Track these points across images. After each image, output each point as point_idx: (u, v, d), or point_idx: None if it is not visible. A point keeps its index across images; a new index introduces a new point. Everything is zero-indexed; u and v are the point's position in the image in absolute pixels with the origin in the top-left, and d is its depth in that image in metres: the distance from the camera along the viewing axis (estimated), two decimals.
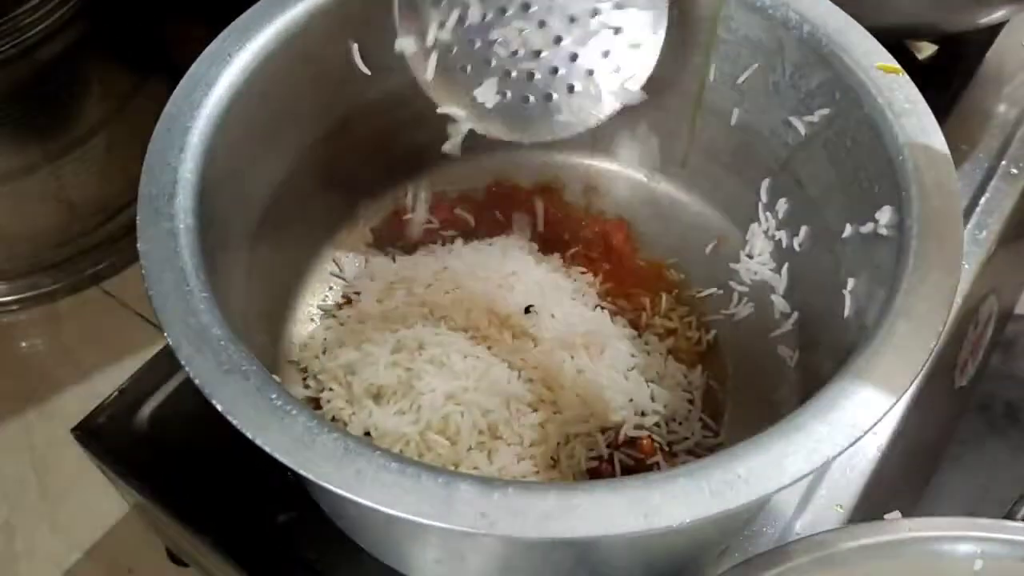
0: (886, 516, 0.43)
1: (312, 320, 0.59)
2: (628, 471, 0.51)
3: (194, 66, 0.47)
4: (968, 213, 0.68)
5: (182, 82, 0.46)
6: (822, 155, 0.52)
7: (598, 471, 0.51)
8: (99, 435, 0.60)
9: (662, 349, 0.58)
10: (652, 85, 0.58)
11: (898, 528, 0.42)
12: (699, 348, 0.59)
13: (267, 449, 0.35)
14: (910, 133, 0.45)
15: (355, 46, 0.54)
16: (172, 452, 0.58)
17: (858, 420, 0.36)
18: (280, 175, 0.54)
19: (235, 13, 0.50)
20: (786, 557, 0.39)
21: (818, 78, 0.50)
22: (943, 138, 0.44)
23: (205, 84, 0.46)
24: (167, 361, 0.62)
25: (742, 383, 0.57)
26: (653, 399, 0.54)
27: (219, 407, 0.36)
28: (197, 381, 0.37)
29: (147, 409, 0.61)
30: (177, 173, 0.43)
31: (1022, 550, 0.42)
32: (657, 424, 0.54)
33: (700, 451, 0.54)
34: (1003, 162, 0.72)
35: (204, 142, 0.45)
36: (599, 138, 0.64)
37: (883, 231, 0.45)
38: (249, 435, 0.35)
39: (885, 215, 0.44)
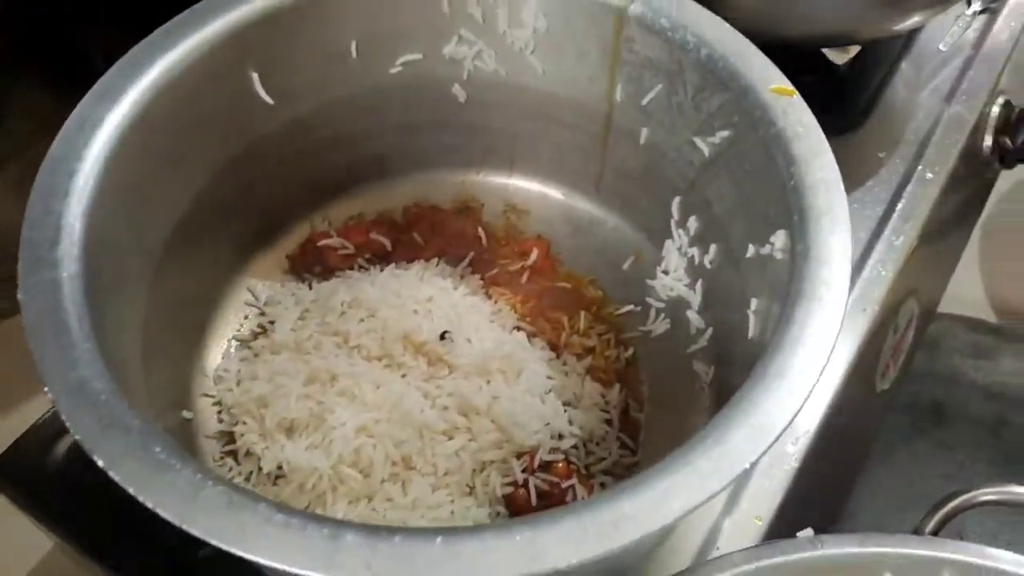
0: (799, 534, 0.43)
1: (228, 352, 0.58)
2: (543, 495, 0.51)
3: (81, 104, 0.46)
4: (885, 219, 0.69)
5: (68, 121, 0.45)
6: (725, 176, 0.52)
7: (514, 497, 0.51)
8: (13, 475, 0.59)
9: (580, 369, 0.58)
10: (566, 105, 0.59)
11: (808, 546, 0.43)
12: (617, 366, 0.59)
13: (149, 504, 0.35)
14: (801, 157, 0.45)
15: (255, 75, 0.53)
16: (89, 489, 0.57)
17: (743, 454, 0.36)
18: (183, 207, 0.53)
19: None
20: None
21: (718, 100, 0.50)
22: (834, 162, 0.45)
23: (92, 124, 0.45)
24: None
25: (659, 401, 0.58)
26: (570, 422, 0.54)
27: (100, 463, 0.35)
28: (78, 438, 0.36)
29: (62, 446, 0.59)
30: (61, 219, 0.42)
31: (930, 567, 0.42)
32: (575, 447, 0.54)
33: (618, 471, 0.55)
34: (919, 166, 0.73)
35: (92, 184, 0.44)
36: (517, 158, 0.64)
37: (777, 255, 0.45)
38: (131, 491, 0.35)
39: (779, 239, 0.45)
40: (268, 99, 0.54)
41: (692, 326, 0.58)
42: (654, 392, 0.58)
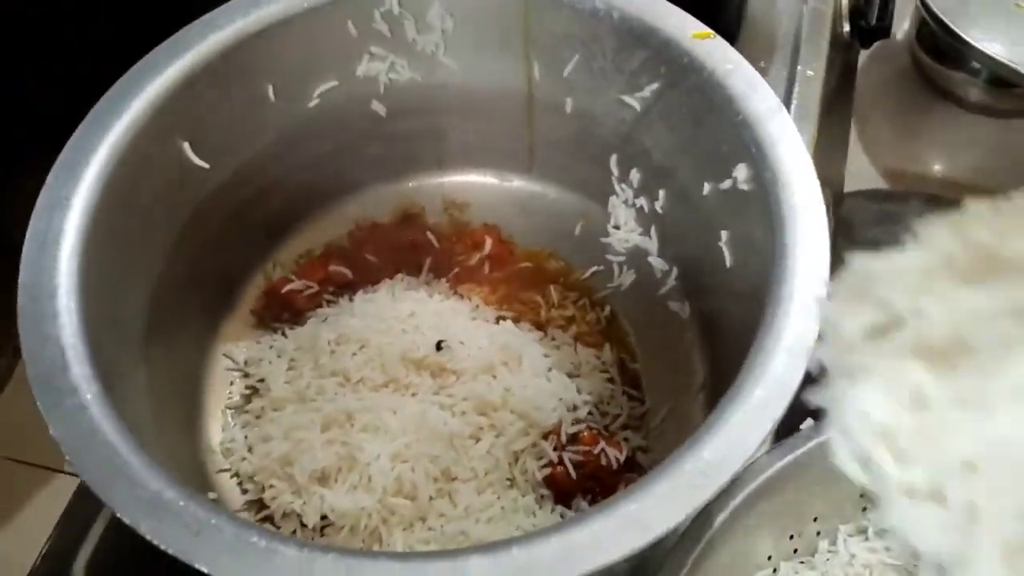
0: (801, 426, 0.47)
1: (226, 423, 0.57)
2: (580, 466, 0.54)
3: (33, 221, 0.44)
4: None
5: (27, 244, 0.44)
6: (661, 124, 0.55)
7: (554, 476, 0.53)
8: None
9: (568, 339, 0.60)
10: (486, 95, 0.60)
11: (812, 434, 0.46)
12: (600, 327, 0.61)
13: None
14: (740, 92, 0.48)
15: (186, 145, 0.52)
16: None
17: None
18: (151, 290, 0.52)
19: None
20: None
21: (639, 58, 0.52)
22: (770, 89, 0.48)
23: (53, 240, 0.44)
24: (84, 507, 0.59)
25: (648, 346, 0.61)
26: (579, 391, 0.56)
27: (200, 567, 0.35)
28: (172, 551, 0.36)
29: (79, 564, 0.58)
30: (61, 342, 0.41)
31: None
32: (590, 412, 0.56)
33: (633, 422, 0.57)
34: (799, 67, 0.77)
35: (74, 299, 0.43)
36: (446, 155, 0.65)
37: (743, 186, 0.48)
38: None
39: (741, 171, 0.48)
40: (202, 163, 0.53)
41: (657, 270, 0.61)
42: (641, 340, 0.61)
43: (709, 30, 0.50)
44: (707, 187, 0.53)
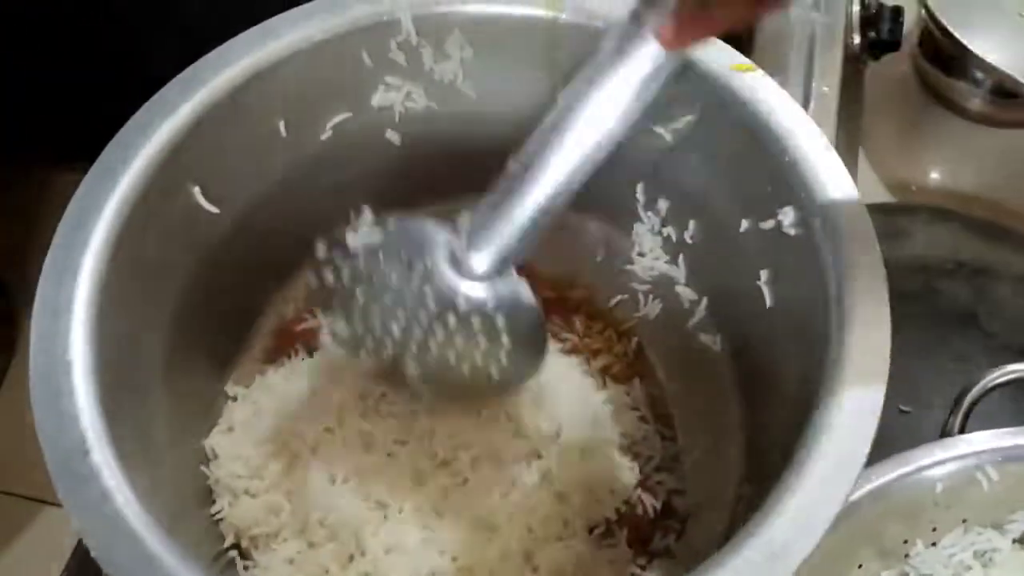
0: None
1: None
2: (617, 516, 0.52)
3: (41, 288, 0.41)
4: None
5: (36, 315, 0.41)
6: (695, 157, 0.52)
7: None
8: None
9: (596, 374, 0.58)
10: (505, 121, 0.57)
11: (863, 481, 0.45)
12: (628, 360, 0.59)
13: None
14: (786, 130, 0.46)
15: (196, 189, 0.49)
16: None
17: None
18: (161, 355, 0.49)
19: None
20: None
21: (676, 88, 0.50)
22: (816, 128, 0.46)
23: (64, 308, 0.41)
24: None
25: (679, 381, 0.59)
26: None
27: None
28: None
29: None
30: (79, 423, 0.38)
31: (972, 461, 0.46)
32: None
33: (666, 463, 0.55)
34: (813, 83, 0.75)
35: (89, 375, 0.40)
36: (463, 182, 0.62)
37: (789, 231, 0.46)
38: None
39: (788, 216, 0.46)
40: (213, 208, 0.50)
41: (685, 300, 0.59)
42: (671, 375, 0.59)
43: (750, 62, 0.48)
44: (745, 224, 0.51)
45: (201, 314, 0.52)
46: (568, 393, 0.55)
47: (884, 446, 0.53)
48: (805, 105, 0.73)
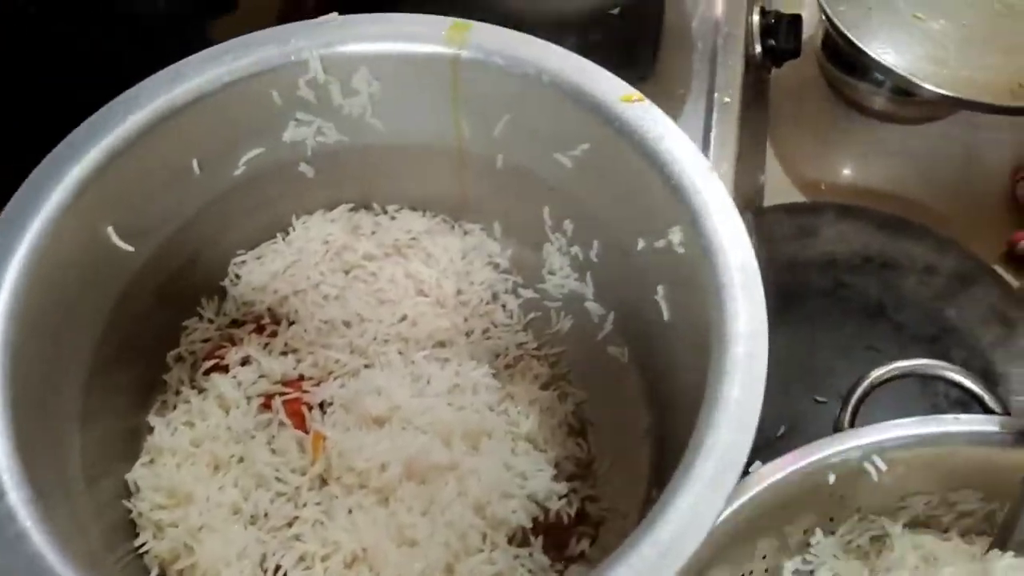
0: (750, 468, 0.48)
1: None
2: (533, 523, 0.54)
3: None
4: (704, 150, 0.74)
5: None
6: (594, 181, 0.55)
7: None
8: None
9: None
10: (416, 152, 0.60)
11: (761, 477, 0.48)
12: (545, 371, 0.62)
13: None
14: (673, 156, 0.49)
15: (110, 228, 0.50)
16: None
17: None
18: (77, 391, 0.50)
19: None
20: None
21: (571, 119, 0.53)
22: (701, 155, 0.49)
23: None
24: None
25: (590, 392, 0.61)
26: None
27: None
28: None
29: None
30: None
31: (860, 453, 0.49)
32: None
33: (580, 471, 0.58)
34: (716, 93, 0.79)
35: (3, 416, 0.41)
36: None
37: (678, 249, 0.49)
38: None
39: (676, 234, 0.49)
40: (127, 247, 0.52)
41: (594, 315, 0.62)
42: (583, 386, 0.62)
43: (637, 93, 0.51)
44: (641, 243, 0.54)
45: (118, 349, 0.53)
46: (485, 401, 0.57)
47: (802, 434, 0.56)
48: (708, 116, 0.76)
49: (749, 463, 0.45)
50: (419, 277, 0.62)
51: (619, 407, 0.60)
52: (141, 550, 0.53)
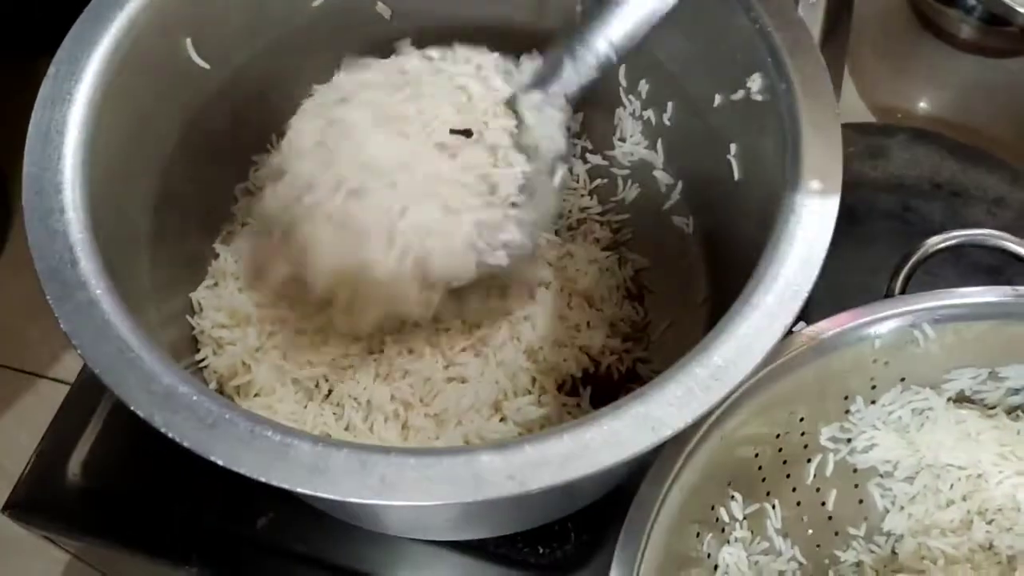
0: (794, 329, 0.47)
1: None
2: (583, 374, 0.54)
3: (35, 114, 0.43)
4: None
5: (30, 137, 0.43)
6: (674, 33, 0.53)
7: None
8: (36, 505, 0.58)
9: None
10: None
11: (805, 337, 0.47)
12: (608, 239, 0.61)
13: (282, 485, 0.36)
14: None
15: (188, 42, 0.51)
16: (119, 494, 0.57)
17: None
18: (151, 193, 0.51)
19: None
20: None
21: None
22: None
23: (56, 132, 0.43)
24: (80, 409, 0.60)
25: (651, 260, 0.61)
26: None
27: (239, 469, 0.36)
28: (187, 444, 0.36)
29: (75, 463, 0.58)
30: (69, 237, 0.40)
31: (909, 319, 0.47)
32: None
33: (635, 334, 0.58)
34: None
35: (79, 193, 0.42)
36: None
37: (756, 96, 0.47)
38: (264, 480, 0.35)
39: (756, 82, 0.47)
40: (204, 64, 0.52)
41: (662, 184, 0.61)
42: (645, 253, 0.61)
43: None
44: (719, 98, 0.52)
45: (188, 172, 0.54)
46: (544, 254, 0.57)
47: None
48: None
49: (794, 325, 0.44)
50: None
51: (678, 276, 0.59)
52: (202, 364, 0.54)
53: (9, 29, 0.91)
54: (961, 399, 0.50)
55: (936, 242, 0.50)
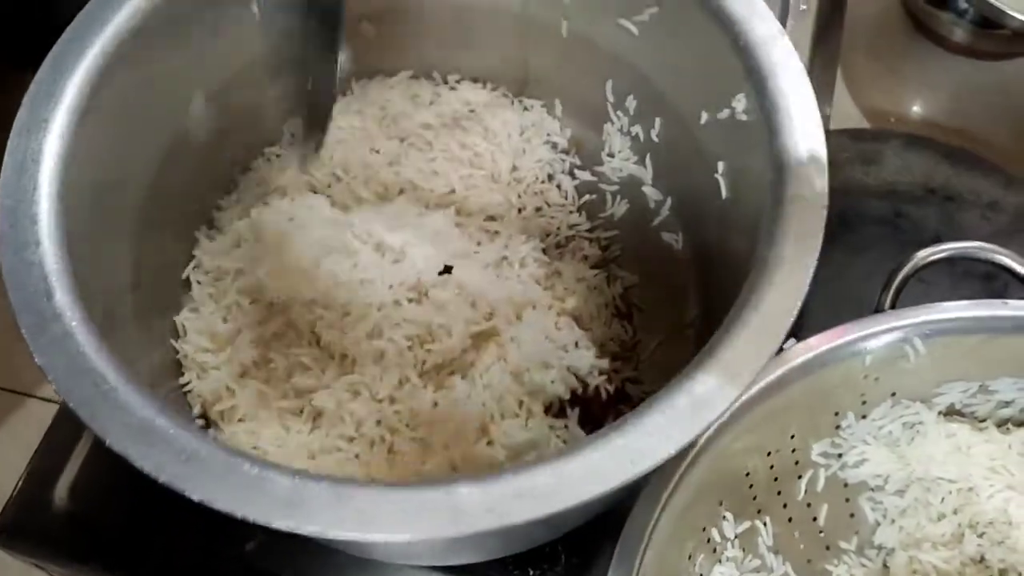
0: (784, 346, 0.46)
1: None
2: (572, 395, 0.54)
3: (10, 146, 0.43)
4: None
5: (4, 167, 0.42)
6: (659, 50, 0.53)
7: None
8: (22, 531, 0.57)
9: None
10: (475, 13, 0.58)
11: (796, 353, 0.46)
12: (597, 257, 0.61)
13: (257, 520, 0.35)
14: (740, 15, 0.47)
15: (163, 67, 0.50)
16: (107, 519, 0.57)
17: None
18: (130, 219, 0.51)
19: None
20: None
21: None
22: (771, 13, 0.46)
23: (32, 162, 0.42)
24: (64, 431, 0.60)
25: (641, 277, 0.60)
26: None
27: (214, 505, 0.35)
28: (163, 479, 0.35)
29: (62, 488, 0.58)
30: (44, 268, 0.40)
31: (900, 334, 0.47)
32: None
33: (624, 353, 0.57)
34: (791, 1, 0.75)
35: (55, 224, 0.42)
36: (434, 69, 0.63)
37: (741, 116, 0.47)
38: (240, 516, 0.35)
39: (740, 102, 0.47)
40: (183, 86, 0.52)
41: (651, 200, 0.60)
42: (634, 271, 0.60)
43: None
44: (704, 116, 0.52)
45: (169, 195, 0.53)
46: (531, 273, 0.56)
47: None
48: (782, 21, 0.73)
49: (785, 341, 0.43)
50: (475, 150, 0.61)
51: (668, 294, 0.59)
52: (186, 389, 0.54)
53: None
54: (952, 412, 0.50)
55: (926, 255, 0.49)
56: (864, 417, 0.49)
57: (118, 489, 0.57)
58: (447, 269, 0.56)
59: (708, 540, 0.46)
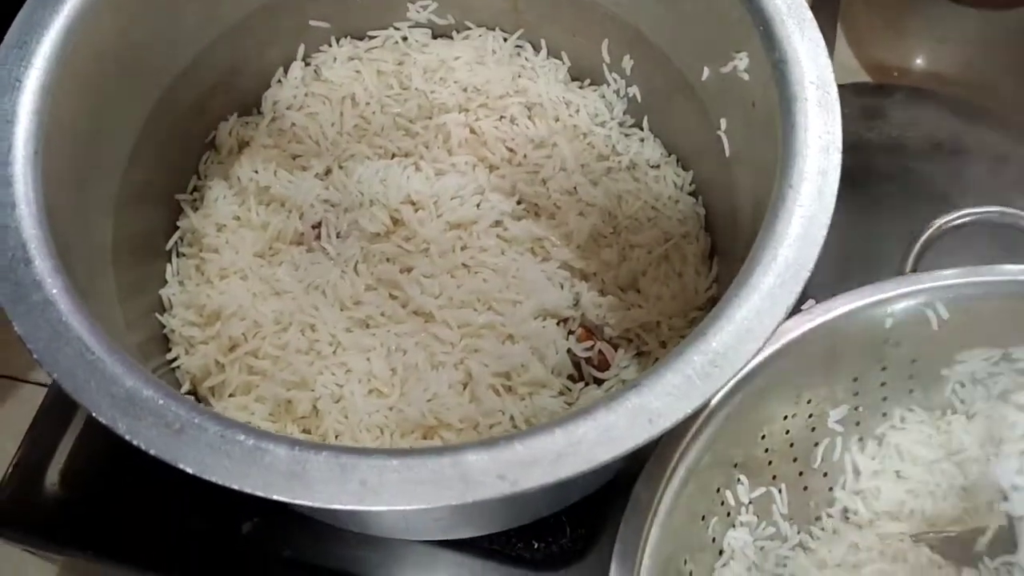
0: (803, 307, 0.45)
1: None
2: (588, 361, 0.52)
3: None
4: None
5: None
6: (659, 3, 0.51)
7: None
8: (14, 517, 0.55)
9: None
10: None
11: (814, 315, 0.45)
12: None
13: (256, 492, 0.33)
14: None
15: (140, 28, 0.48)
16: (99, 503, 0.55)
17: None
18: (112, 180, 0.49)
19: None
20: None
21: None
22: None
23: (5, 122, 0.40)
24: (54, 414, 0.58)
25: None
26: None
27: (210, 477, 0.33)
28: (154, 452, 0.34)
29: (53, 472, 0.56)
30: (21, 234, 0.38)
31: (923, 298, 0.45)
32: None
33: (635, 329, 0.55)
34: None
35: (31, 187, 0.39)
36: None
37: (744, 75, 0.45)
38: (237, 487, 0.33)
39: (743, 61, 0.45)
40: (162, 48, 0.50)
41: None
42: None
43: None
44: (707, 72, 0.50)
45: (152, 159, 0.51)
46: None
47: None
48: None
49: (801, 302, 0.42)
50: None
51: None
52: (173, 365, 0.52)
53: None
54: (973, 381, 0.48)
55: (951, 219, 0.48)
56: (884, 384, 0.47)
57: (110, 474, 0.56)
58: None
59: (723, 502, 0.45)
